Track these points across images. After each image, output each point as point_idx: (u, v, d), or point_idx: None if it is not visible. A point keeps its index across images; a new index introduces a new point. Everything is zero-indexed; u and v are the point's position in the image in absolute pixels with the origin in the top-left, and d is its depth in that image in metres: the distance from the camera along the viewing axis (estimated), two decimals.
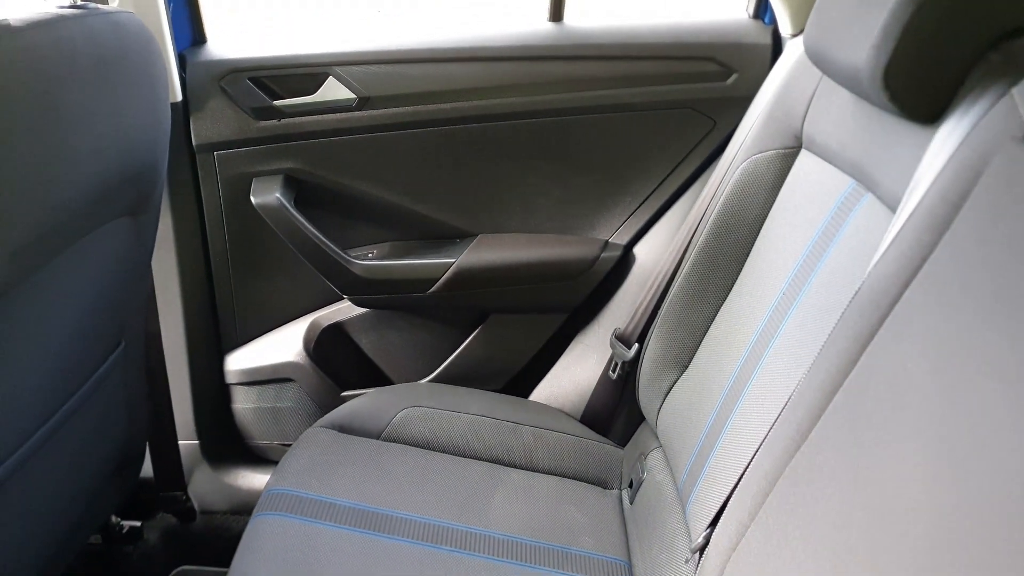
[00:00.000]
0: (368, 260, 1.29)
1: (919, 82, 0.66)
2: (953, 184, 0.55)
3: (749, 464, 0.70)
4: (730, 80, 1.23)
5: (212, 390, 1.38)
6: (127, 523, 1.37)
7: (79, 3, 0.83)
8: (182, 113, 1.20)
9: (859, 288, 0.62)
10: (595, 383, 1.26)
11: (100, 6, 0.85)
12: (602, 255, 1.30)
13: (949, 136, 0.62)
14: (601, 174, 1.30)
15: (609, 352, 1.22)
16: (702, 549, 0.79)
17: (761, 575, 0.62)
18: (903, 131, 0.73)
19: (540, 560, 0.97)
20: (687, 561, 0.86)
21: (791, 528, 0.59)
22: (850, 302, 0.62)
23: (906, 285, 0.55)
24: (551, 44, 1.24)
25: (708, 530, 0.78)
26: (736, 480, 0.72)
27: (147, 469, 1.35)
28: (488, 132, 1.27)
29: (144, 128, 0.91)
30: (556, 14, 1.26)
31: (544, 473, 1.14)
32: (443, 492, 1.04)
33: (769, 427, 0.68)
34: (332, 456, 1.07)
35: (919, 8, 0.63)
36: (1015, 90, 0.56)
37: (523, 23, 1.27)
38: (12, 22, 0.68)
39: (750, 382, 0.87)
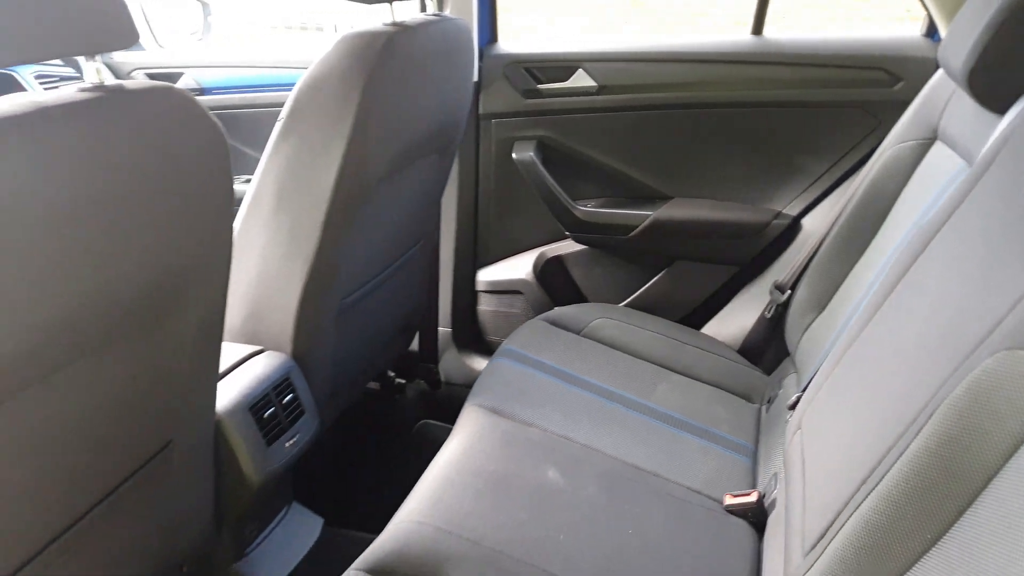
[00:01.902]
0: (588, 207, 1.72)
1: (993, 84, 0.95)
2: (992, 151, 0.83)
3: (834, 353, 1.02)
4: (897, 87, 1.50)
5: (466, 293, 1.88)
6: (400, 381, 1.91)
7: (435, 12, 1.34)
8: (476, 90, 1.71)
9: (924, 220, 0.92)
10: (753, 322, 1.59)
11: (446, 14, 1.35)
12: (773, 222, 1.62)
13: (1008, 122, 0.91)
14: (779, 158, 1.62)
15: (768, 299, 1.54)
16: (793, 406, 1.12)
17: (821, 413, 0.96)
18: (991, 120, 1.01)
19: (684, 428, 1.33)
20: (787, 421, 1.18)
21: (844, 385, 0.92)
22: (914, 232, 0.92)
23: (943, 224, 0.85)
24: (750, 52, 1.58)
25: (799, 394, 1.12)
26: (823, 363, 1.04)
27: (414, 345, 1.88)
28: (692, 118, 1.64)
29: (459, 97, 1.42)
30: (757, 28, 1.61)
31: (700, 382, 1.48)
32: (620, 372, 1.43)
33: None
34: (545, 337, 1.50)
35: (993, 36, 0.93)
36: None
37: (730, 35, 1.63)
38: (408, 22, 1.19)
39: (869, 322, 1.16)
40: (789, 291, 1.47)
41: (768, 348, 1.57)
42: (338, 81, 1.11)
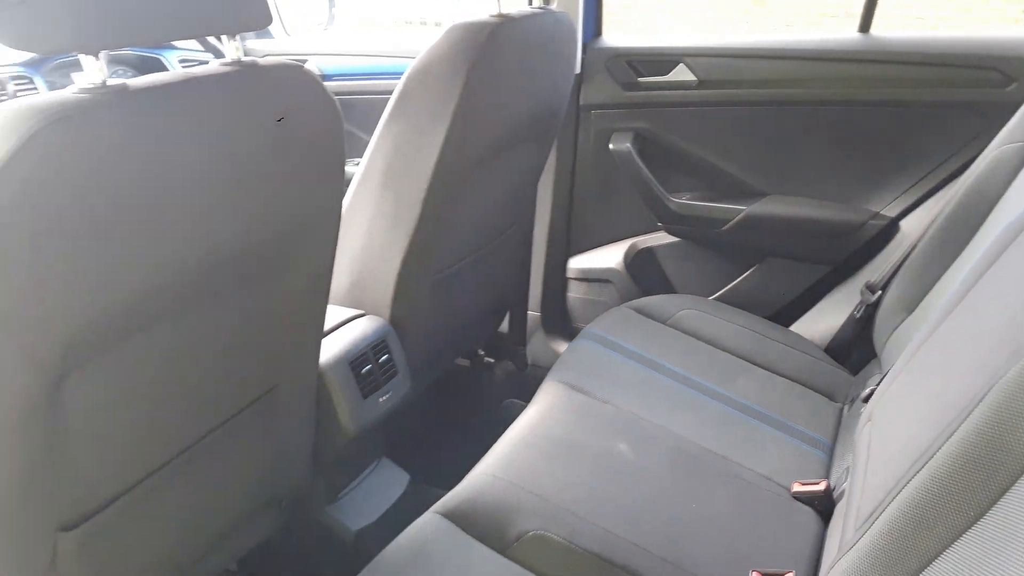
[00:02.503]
0: (682, 200, 1.75)
1: None
2: None
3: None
4: (1010, 88, 1.45)
5: (556, 279, 1.95)
6: (489, 360, 2.00)
7: (540, 6, 1.41)
8: (577, 82, 1.77)
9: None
10: (842, 322, 1.58)
11: (551, 8, 1.42)
12: (869, 222, 1.60)
13: None
14: (881, 158, 1.60)
15: (858, 299, 1.52)
16: (867, 399, 1.12)
17: (891, 403, 0.97)
18: None
19: (760, 419, 1.34)
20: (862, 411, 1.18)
21: (915, 378, 0.93)
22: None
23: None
24: (857, 49, 1.57)
25: (874, 387, 1.12)
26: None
27: (504, 326, 1.96)
28: (792, 114, 1.64)
29: (559, 88, 1.48)
30: (864, 26, 1.59)
31: (782, 377, 1.49)
32: (701, 362, 1.46)
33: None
34: (630, 323, 1.54)
35: None
36: None
37: (834, 32, 1.61)
38: (513, 15, 1.27)
39: (947, 318, 1.15)
40: (880, 292, 1.45)
41: (855, 348, 1.55)
42: (444, 68, 1.20)
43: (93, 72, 0.67)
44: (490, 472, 1.07)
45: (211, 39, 2.01)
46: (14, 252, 0.60)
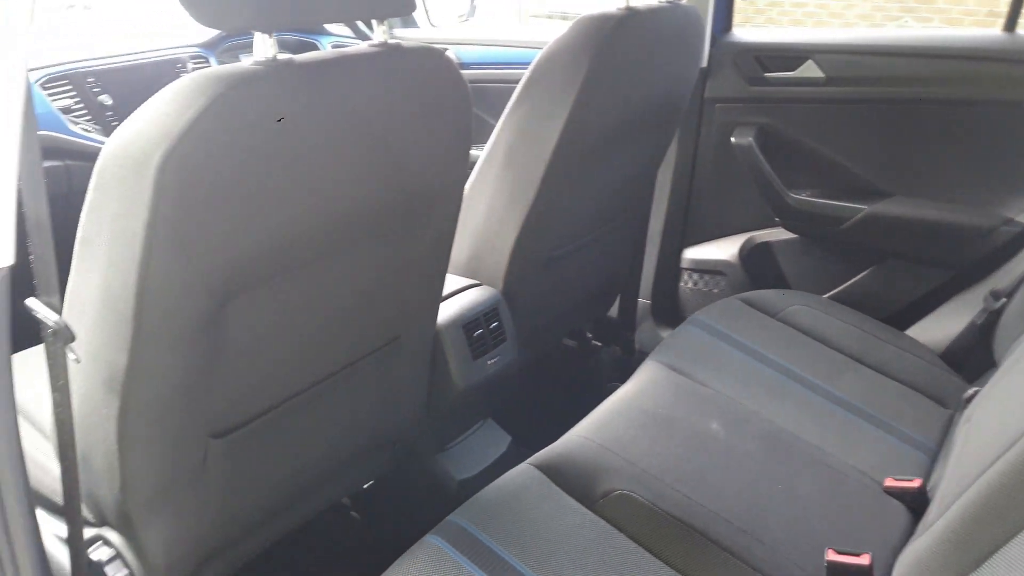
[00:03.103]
0: (802, 196, 1.75)
1: None
2: None
3: None
4: None
5: (669, 268, 1.99)
6: (596, 344, 2.06)
7: (669, 0, 1.46)
8: (703, 75, 1.80)
9: None
10: (962, 328, 1.53)
11: (680, 2, 1.47)
12: (1000, 227, 1.54)
13: None
14: (1018, 161, 1.53)
15: (980, 306, 1.48)
16: (968, 400, 1.11)
17: (988, 404, 0.96)
18: None
19: (861, 416, 1.34)
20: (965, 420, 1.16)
21: (1016, 381, 0.92)
22: None
23: None
24: (1000, 48, 1.51)
25: (977, 389, 1.10)
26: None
27: (613, 311, 2.02)
28: (924, 114, 1.60)
29: (682, 81, 1.53)
30: (1010, 25, 1.52)
31: (891, 379, 1.46)
32: (807, 357, 1.46)
33: None
34: (738, 314, 1.56)
35: None
36: None
37: (973, 30, 1.55)
38: (639, 8, 1.33)
39: None
40: (1005, 299, 1.40)
41: (973, 356, 1.50)
42: (569, 57, 1.28)
43: (266, 48, 0.79)
44: (584, 434, 1.15)
45: (361, 27, 2.18)
46: (198, 190, 0.73)
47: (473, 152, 1.18)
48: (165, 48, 1.95)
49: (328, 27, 2.24)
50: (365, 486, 1.44)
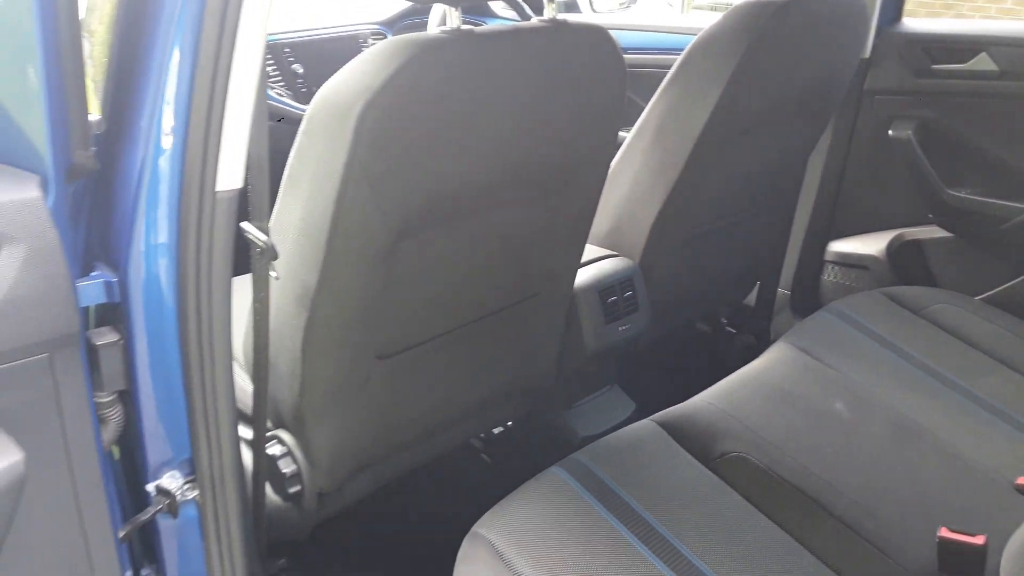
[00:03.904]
0: (959, 194, 1.69)
1: None
2: None
3: None
4: None
5: (813, 260, 1.97)
6: (730, 330, 2.08)
7: None
8: (864, 66, 1.76)
9: None
10: None
11: None
12: None
13: None
14: None
15: None
16: None
17: None
18: None
19: (1001, 417, 1.29)
20: None
21: None
22: None
23: None
24: None
25: None
26: None
27: (750, 299, 2.03)
28: None
29: (839, 70, 1.52)
30: None
31: None
32: (949, 355, 1.43)
33: None
34: (879, 307, 1.54)
35: None
36: None
37: None
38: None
39: None
40: None
41: None
42: (725, 41, 1.32)
43: (453, 19, 0.91)
44: (707, 400, 1.20)
45: (528, 10, 2.30)
46: (389, 137, 0.86)
47: (620, 134, 1.26)
48: (349, 24, 2.16)
49: (497, 12, 2.37)
50: (496, 431, 1.57)
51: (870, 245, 1.87)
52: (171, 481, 0.90)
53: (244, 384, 1.06)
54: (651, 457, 1.10)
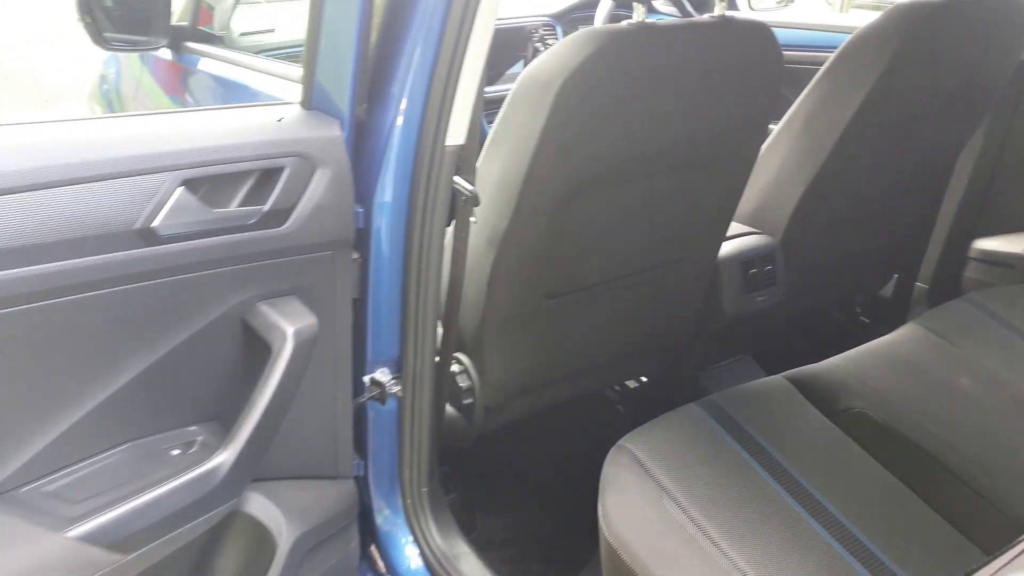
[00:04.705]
0: None
1: None
2: None
3: None
4: None
5: (956, 256, 2.00)
6: (864, 320, 2.14)
7: None
8: (1022, 67, 1.79)
9: None
10: None
11: None
12: None
13: None
14: None
15: None
16: None
17: None
18: None
19: None
20: None
21: None
22: None
23: None
24: None
25: None
26: None
27: (886, 290, 2.08)
28: None
29: (994, 70, 1.58)
30: None
31: None
32: None
33: None
34: (1019, 301, 1.58)
35: None
36: None
37: None
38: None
39: None
40: None
41: None
42: (879, 38, 1.42)
43: (639, 14, 1.09)
44: (834, 362, 1.33)
45: (689, 7, 2.43)
46: (580, 109, 1.06)
47: (770, 127, 1.39)
48: (521, 16, 2.38)
49: (658, 8, 2.53)
50: (632, 385, 1.74)
51: (1017, 244, 1.89)
52: (382, 376, 1.14)
53: None
54: (779, 406, 1.24)
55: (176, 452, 0.87)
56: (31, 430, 0.76)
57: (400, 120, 0.99)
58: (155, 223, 0.78)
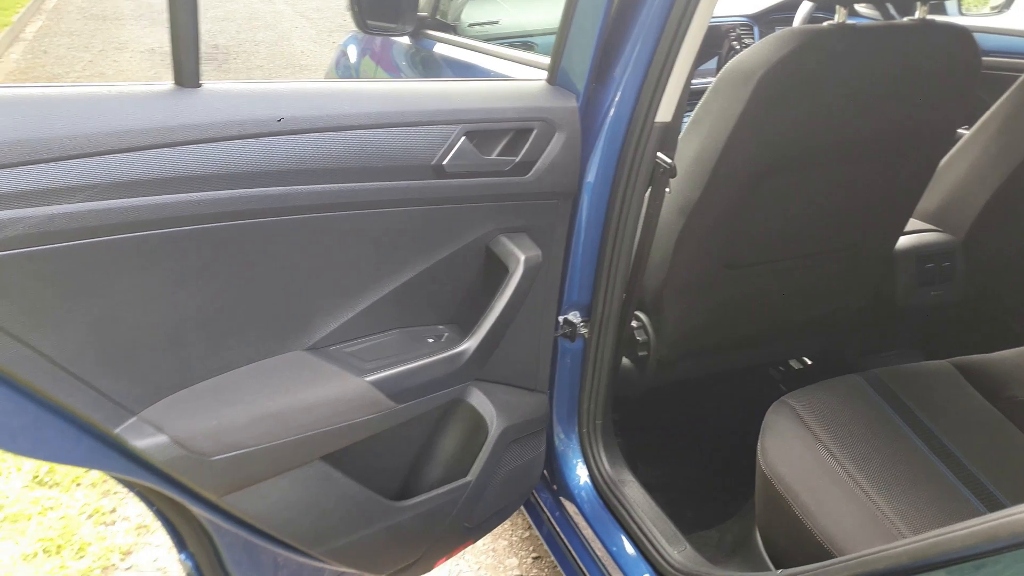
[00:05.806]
0: None
1: None
2: None
3: None
4: None
5: None
6: None
7: None
8: None
9: None
10: None
11: None
12: None
13: None
14: None
15: None
16: None
17: None
18: None
19: None
20: None
21: None
22: None
23: None
24: None
25: None
26: None
27: None
28: None
29: None
30: None
31: None
32: None
33: None
34: None
35: None
36: None
37: None
38: None
39: None
40: None
41: None
42: None
43: (840, 16, 1.22)
44: (1003, 355, 1.39)
45: (892, 10, 2.45)
46: (777, 98, 1.20)
47: (960, 131, 1.44)
48: (721, 16, 2.50)
49: (861, 12, 2.56)
50: (797, 367, 1.85)
51: None
52: (574, 317, 1.34)
53: None
54: (941, 386, 1.32)
55: (431, 340, 1.12)
56: (339, 306, 1.04)
57: (618, 96, 1.19)
58: (445, 161, 1.04)
